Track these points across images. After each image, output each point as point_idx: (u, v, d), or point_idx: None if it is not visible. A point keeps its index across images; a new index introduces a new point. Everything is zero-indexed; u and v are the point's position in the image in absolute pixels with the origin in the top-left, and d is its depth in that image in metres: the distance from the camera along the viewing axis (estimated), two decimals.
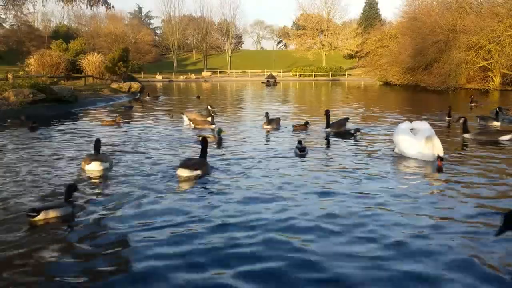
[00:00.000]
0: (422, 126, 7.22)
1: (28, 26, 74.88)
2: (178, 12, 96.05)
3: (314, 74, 68.66)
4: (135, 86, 28.28)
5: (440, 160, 6.44)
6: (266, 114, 11.47)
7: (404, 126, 7.41)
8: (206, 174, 6.06)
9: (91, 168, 6.30)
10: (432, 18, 35.05)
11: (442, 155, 6.49)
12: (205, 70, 78.94)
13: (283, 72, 74.39)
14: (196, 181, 5.82)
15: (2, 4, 31.12)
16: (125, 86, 27.41)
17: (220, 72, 77.71)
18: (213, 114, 11.71)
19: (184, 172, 5.91)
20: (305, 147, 7.71)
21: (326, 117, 10.55)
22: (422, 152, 6.87)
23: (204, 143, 6.50)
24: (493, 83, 30.15)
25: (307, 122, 11.08)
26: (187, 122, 11.85)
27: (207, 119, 11.52)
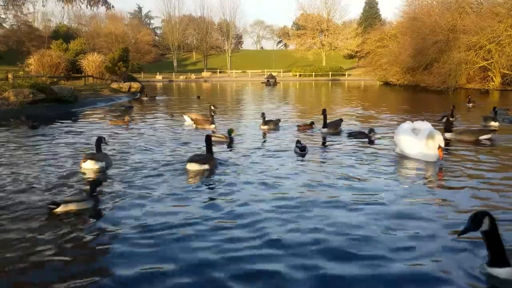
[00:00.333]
0: (424, 126, 7.21)
1: (28, 26, 74.89)
2: (178, 12, 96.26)
3: (314, 74, 68.69)
4: (135, 86, 28.27)
5: (441, 149, 6.60)
6: (263, 115, 11.16)
7: (405, 126, 7.39)
8: (214, 168, 6.37)
9: (86, 166, 6.43)
10: (432, 18, 35.06)
11: (443, 146, 6.66)
12: (205, 70, 78.96)
13: (283, 72, 74.42)
14: (203, 176, 6.02)
15: (2, 4, 31.14)
16: (125, 86, 27.40)
17: (220, 72, 77.74)
18: (213, 113, 11.70)
19: (193, 166, 6.25)
20: (305, 147, 7.70)
21: (323, 116, 10.37)
22: (423, 152, 6.85)
23: (208, 141, 6.80)
24: (493, 83, 30.17)
25: (313, 122, 10.97)
26: (189, 122, 11.91)
27: (209, 119, 11.55)
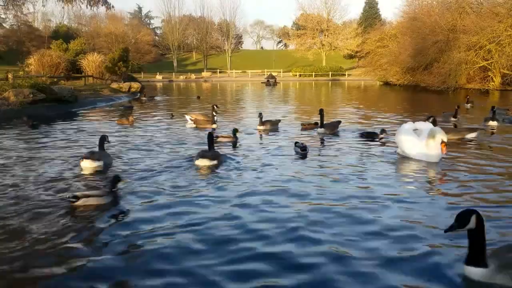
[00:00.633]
0: (425, 127, 7.20)
1: (28, 26, 74.87)
2: (178, 12, 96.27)
3: (314, 74, 68.69)
4: (135, 86, 28.25)
5: (444, 144, 6.61)
6: (260, 115, 10.98)
7: (407, 126, 7.37)
8: (221, 164, 6.74)
9: (84, 165, 6.48)
10: (432, 18, 35.07)
11: (446, 140, 6.67)
12: (205, 70, 78.94)
13: (283, 72, 74.43)
14: (212, 172, 6.34)
15: (2, 4, 31.15)
16: (125, 86, 27.38)
17: (220, 72, 77.74)
18: (215, 113, 11.71)
19: (204, 162, 6.60)
20: (306, 146, 7.69)
21: (320, 116, 10.25)
22: (425, 152, 6.84)
23: (210, 138, 7.15)
24: (493, 83, 30.17)
25: (317, 122, 10.84)
26: (191, 122, 11.97)
27: (210, 119, 11.58)
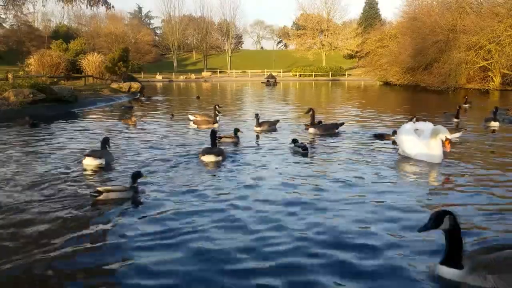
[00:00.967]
0: (426, 127, 7.20)
1: (28, 26, 74.77)
2: (178, 12, 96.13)
3: (314, 74, 68.65)
4: (135, 86, 28.23)
5: (448, 141, 6.63)
6: (256, 116, 10.91)
7: (408, 126, 7.39)
8: (224, 159, 7.11)
9: (85, 162, 6.76)
10: (432, 18, 35.03)
11: (450, 138, 6.70)
12: (205, 70, 78.89)
13: (283, 72, 74.37)
14: (218, 167, 6.64)
15: (2, 4, 31.18)
16: (125, 86, 27.37)
17: (220, 72, 77.69)
18: (218, 113, 11.73)
19: (210, 158, 6.95)
20: (306, 146, 7.69)
21: (310, 116, 10.10)
22: (425, 153, 6.84)
23: (213, 136, 7.48)
24: (493, 83, 30.15)
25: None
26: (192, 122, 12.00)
27: (211, 119, 11.61)
